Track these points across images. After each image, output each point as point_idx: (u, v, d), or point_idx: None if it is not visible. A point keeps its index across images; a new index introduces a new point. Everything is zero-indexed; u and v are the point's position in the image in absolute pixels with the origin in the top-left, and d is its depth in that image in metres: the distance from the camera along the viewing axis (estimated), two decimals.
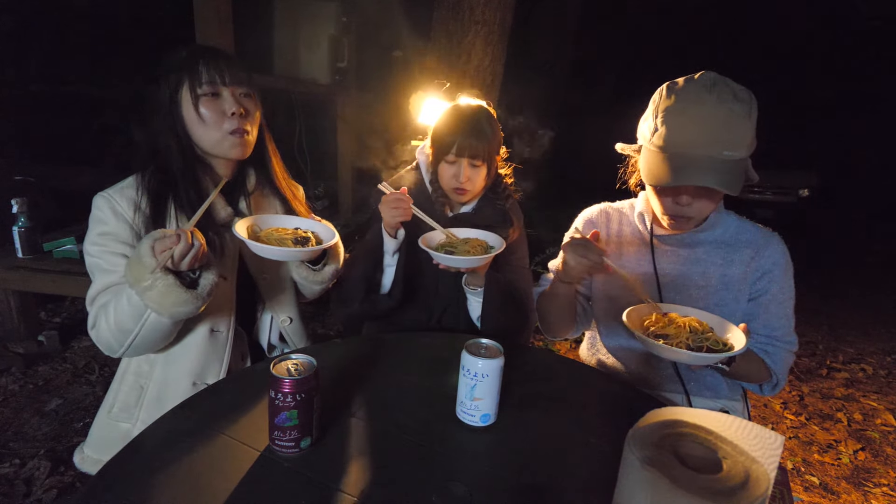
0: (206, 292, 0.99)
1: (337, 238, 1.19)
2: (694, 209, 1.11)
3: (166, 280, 0.92)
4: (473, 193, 1.40)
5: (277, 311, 1.30)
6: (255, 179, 1.25)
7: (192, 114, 1.08)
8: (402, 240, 1.34)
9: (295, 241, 1.10)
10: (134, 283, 0.93)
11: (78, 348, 2.60)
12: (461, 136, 1.33)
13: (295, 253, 1.08)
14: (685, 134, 1.03)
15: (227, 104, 1.10)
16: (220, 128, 1.10)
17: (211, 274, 1.00)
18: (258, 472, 0.76)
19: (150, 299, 0.93)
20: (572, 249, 1.08)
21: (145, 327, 0.98)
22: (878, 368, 3.15)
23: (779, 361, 1.16)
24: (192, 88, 1.07)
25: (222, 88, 1.09)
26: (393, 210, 1.26)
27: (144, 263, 0.91)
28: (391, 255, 1.37)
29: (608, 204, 1.37)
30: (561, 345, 3.00)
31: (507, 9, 3.03)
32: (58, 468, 1.77)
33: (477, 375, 0.86)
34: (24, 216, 2.27)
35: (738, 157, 1.02)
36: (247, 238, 1.04)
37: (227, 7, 2.31)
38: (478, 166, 1.35)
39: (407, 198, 1.26)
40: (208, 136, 1.10)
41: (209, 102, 1.08)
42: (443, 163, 1.38)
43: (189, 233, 0.92)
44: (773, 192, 6.55)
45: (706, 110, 1.02)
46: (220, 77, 1.08)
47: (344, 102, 3.81)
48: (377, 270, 1.39)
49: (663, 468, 0.56)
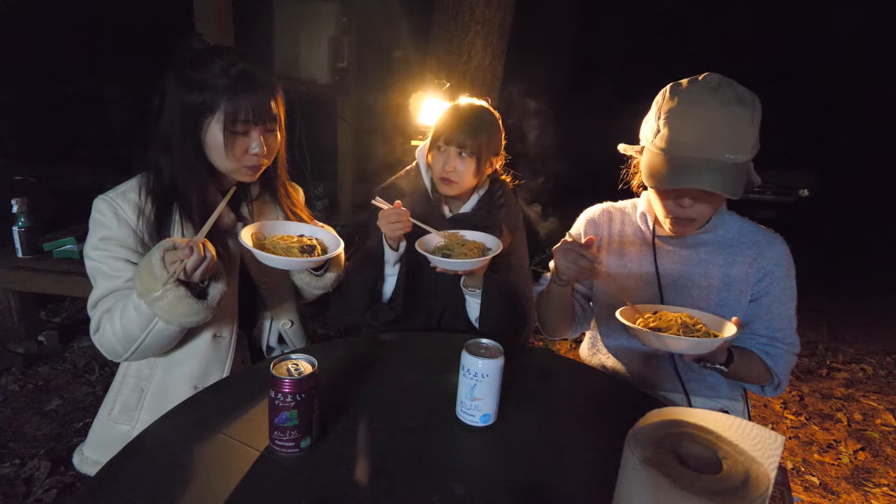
0: (216, 302, 1.00)
1: (342, 245, 1.19)
2: (695, 211, 1.11)
3: (177, 292, 0.93)
4: (461, 187, 1.40)
5: (278, 315, 1.30)
6: (259, 187, 1.24)
7: (218, 143, 1.04)
8: (403, 252, 1.34)
9: (301, 249, 1.09)
10: (144, 293, 0.93)
11: (78, 348, 2.60)
12: (452, 126, 1.35)
13: (301, 263, 1.07)
14: (687, 136, 1.03)
15: (253, 143, 1.06)
16: (240, 161, 1.07)
17: (220, 284, 1.01)
18: (258, 472, 0.76)
19: (160, 309, 0.93)
20: (563, 254, 1.08)
21: (152, 334, 0.98)
22: (878, 368, 3.15)
23: (780, 362, 1.16)
24: (226, 122, 1.02)
25: (252, 127, 1.06)
26: (392, 224, 1.25)
27: (156, 275, 0.91)
28: (392, 266, 1.37)
29: (611, 203, 1.37)
30: (561, 345, 3.00)
31: (507, 9, 3.03)
32: (58, 468, 1.77)
33: (477, 375, 0.86)
34: (24, 216, 2.27)
35: (740, 160, 1.01)
36: (253, 247, 1.04)
37: (227, 7, 2.31)
38: (465, 157, 1.35)
39: (404, 211, 1.25)
40: (225, 165, 1.08)
41: (239, 139, 1.05)
42: (433, 150, 1.40)
43: (201, 245, 0.92)
44: (773, 192, 6.55)
45: (709, 113, 1.01)
46: (254, 116, 1.04)
47: (344, 102, 3.81)
48: (379, 280, 1.39)
49: (663, 468, 0.56)
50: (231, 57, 1.04)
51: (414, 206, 1.43)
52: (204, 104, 1.02)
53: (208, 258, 0.93)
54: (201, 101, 1.02)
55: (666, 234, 1.24)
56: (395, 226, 1.25)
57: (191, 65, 1.03)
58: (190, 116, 1.03)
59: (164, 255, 0.91)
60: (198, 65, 1.03)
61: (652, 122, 1.11)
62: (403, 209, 1.26)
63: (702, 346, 0.94)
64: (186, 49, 1.05)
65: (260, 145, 1.07)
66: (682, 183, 1.02)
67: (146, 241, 1.05)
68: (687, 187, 1.04)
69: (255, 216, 1.22)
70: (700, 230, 1.20)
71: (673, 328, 0.99)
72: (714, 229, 1.20)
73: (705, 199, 1.09)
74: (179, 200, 1.08)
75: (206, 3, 2.25)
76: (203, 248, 0.92)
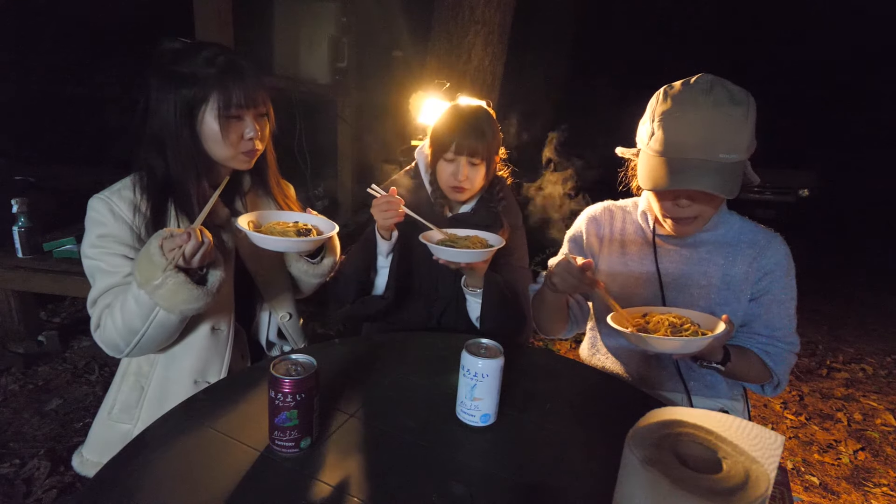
0: (215, 288, 1.01)
1: (337, 229, 1.20)
2: (694, 211, 1.11)
3: (177, 278, 0.94)
4: (472, 192, 1.40)
5: (276, 308, 1.30)
6: (250, 181, 1.26)
7: (214, 131, 1.07)
8: (395, 241, 1.34)
9: (297, 233, 1.11)
10: (144, 282, 0.94)
11: (78, 348, 2.60)
12: (460, 134, 1.33)
13: (298, 243, 1.09)
14: (681, 137, 1.03)
15: (247, 128, 1.10)
16: (237, 147, 1.11)
17: (218, 270, 1.03)
18: (258, 472, 0.76)
19: (161, 297, 0.95)
20: (560, 275, 1.08)
21: (153, 326, 0.99)
22: (878, 368, 3.15)
23: (780, 362, 1.16)
24: (219, 109, 1.05)
25: (245, 112, 1.09)
26: (384, 213, 1.26)
27: (155, 262, 0.93)
28: (385, 257, 1.37)
29: (612, 202, 1.37)
30: (561, 345, 3.00)
31: (507, 9, 3.03)
32: (58, 468, 1.77)
33: (477, 375, 0.86)
34: (24, 216, 2.27)
35: (735, 159, 1.02)
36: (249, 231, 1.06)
37: (227, 7, 2.31)
38: (476, 164, 1.35)
39: (397, 199, 1.26)
40: (222, 153, 1.10)
41: (233, 124, 1.08)
42: (441, 161, 1.37)
43: (198, 230, 0.94)
44: (773, 192, 6.55)
45: (702, 114, 1.02)
46: (246, 101, 1.07)
47: (344, 102, 3.81)
48: (371, 271, 1.39)
49: (663, 468, 0.56)
50: (214, 49, 1.08)
51: (414, 206, 1.42)
52: (196, 96, 1.04)
53: (206, 243, 0.96)
54: (192, 93, 1.04)
55: (667, 234, 1.24)
56: (387, 214, 1.25)
57: (175, 62, 1.05)
58: (184, 110, 1.05)
59: (163, 244, 0.93)
60: (182, 60, 1.05)
61: (647, 124, 1.11)
62: (396, 197, 1.25)
63: (690, 345, 0.94)
64: (167, 50, 1.08)
65: (254, 129, 1.10)
66: (677, 184, 1.02)
67: (143, 237, 1.06)
68: (684, 188, 1.04)
69: (248, 209, 1.24)
70: (701, 230, 1.20)
71: (660, 330, 0.99)
72: (715, 229, 1.20)
73: (703, 199, 1.09)
74: (175, 195, 1.10)
75: (206, 3, 2.26)
76: (200, 234, 0.95)
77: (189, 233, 0.93)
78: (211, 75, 1.04)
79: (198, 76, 1.04)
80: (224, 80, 1.05)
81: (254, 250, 1.18)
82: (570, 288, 1.09)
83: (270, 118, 1.17)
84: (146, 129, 1.08)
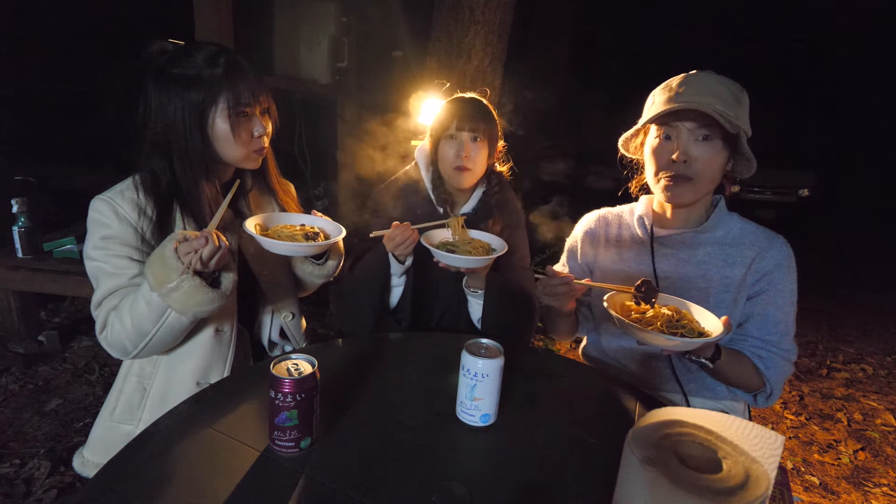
0: (229, 291, 1.02)
1: (343, 233, 1.20)
2: (691, 170, 1.11)
3: (193, 282, 0.94)
4: (475, 175, 1.39)
5: (279, 308, 1.30)
6: (252, 179, 1.26)
7: (225, 132, 1.07)
8: (410, 263, 1.32)
9: (304, 236, 1.12)
10: (157, 285, 0.94)
11: (78, 348, 2.60)
12: (461, 112, 1.34)
13: (307, 248, 1.11)
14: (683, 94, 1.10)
15: (256, 125, 1.11)
16: (248, 146, 1.11)
17: (230, 273, 1.03)
18: (258, 472, 0.76)
19: (175, 300, 0.95)
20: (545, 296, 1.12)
21: (164, 328, 0.99)
22: (878, 368, 3.15)
23: (772, 368, 1.13)
24: (229, 108, 1.05)
25: (252, 108, 1.09)
26: (401, 246, 1.23)
27: (170, 265, 0.93)
28: (399, 277, 1.37)
29: (607, 209, 1.37)
30: (561, 345, 3.00)
31: (507, 9, 3.03)
32: (58, 468, 1.77)
33: (477, 375, 0.86)
34: (24, 216, 2.27)
35: (731, 117, 1.05)
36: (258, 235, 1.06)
37: (227, 7, 2.31)
38: (479, 142, 1.35)
39: (405, 225, 1.22)
40: (234, 153, 1.10)
41: (243, 122, 1.08)
42: (443, 141, 1.37)
43: (215, 234, 0.95)
44: (773, 192, 6.55)
45: (700, 82, 1.10)
46: (253, 97, 1.08)
47: (344, 102, 3.80)
48: (385, 293, 1.38)
49: (663, 468, 0.56)
50: (210, 48, 1.07)
51: (414, 206, 1.42)
52: (205, 98, 1.04)
53: (223, 247, 0.96)
54: (202, 96, 1.03)
55: (664, 236, 1.24)
56: (403, 245, 1.23)
57: (174, 64, 1.04)
58: (193, 113, 1.04)
59: (178, 247, 0.93)
60: (181, 63, 1.04)
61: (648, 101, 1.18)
62: (405, 225, 1.22)
63: (683, 345, 0.94)
64: (160, 53, 1.07)
65: (262, 126, 1.11)
66: (681, 102, 1.07)
67: (147, 238, 1.05)
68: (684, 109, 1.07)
69: (252, 209, 1.24)
70: (699, 230, 1.20)
71: (656, 323, 0.99)
72: (714, 229, 1.20)
73: (702, 162, 1.11)
74: (181, 197, 1.09)
75: (206, 3, 2.25)
76: (217, 238, 0.95)
77: (206, 237, 0.93)
78: (218, 76, 1.04)
79: (204, 78, 1.03)
80: (231, 79, 1.05)
81: (259, 252, 1.18)
82: (560, 301, 1.12)
83: (273, 114, 1.17)
84: (147, 133, 1.07)
